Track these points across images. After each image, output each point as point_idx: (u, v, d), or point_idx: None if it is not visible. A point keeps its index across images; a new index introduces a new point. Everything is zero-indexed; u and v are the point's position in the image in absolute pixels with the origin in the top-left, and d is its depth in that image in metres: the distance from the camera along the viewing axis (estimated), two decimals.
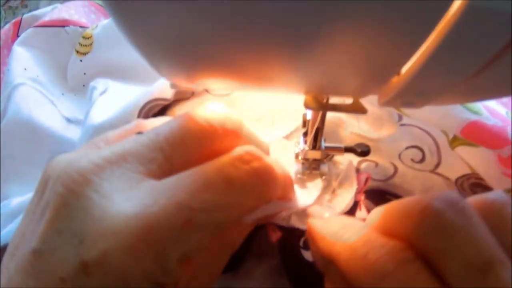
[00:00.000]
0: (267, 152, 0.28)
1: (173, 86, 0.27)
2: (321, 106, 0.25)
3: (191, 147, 0.23)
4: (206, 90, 0.36)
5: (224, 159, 0.23)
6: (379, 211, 0.23)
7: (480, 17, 0.14)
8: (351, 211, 0.31)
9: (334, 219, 0.25)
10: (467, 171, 0.34)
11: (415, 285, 0.19)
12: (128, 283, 0.20)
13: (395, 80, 0.21)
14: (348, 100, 0.25)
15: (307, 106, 0.25)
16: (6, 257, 0.22)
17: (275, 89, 0.25)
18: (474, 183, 0.35)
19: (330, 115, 0.34)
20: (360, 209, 0.31)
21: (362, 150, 0.31)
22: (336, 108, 0.25)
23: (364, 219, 0.31)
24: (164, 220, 0.20)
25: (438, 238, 0.20)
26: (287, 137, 0.34)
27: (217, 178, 0.22)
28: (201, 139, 0.24)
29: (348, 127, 0.34)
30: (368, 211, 0.31)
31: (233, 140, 0.25)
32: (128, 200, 0.20)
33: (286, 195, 0.27)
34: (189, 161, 0.23)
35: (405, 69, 0.19)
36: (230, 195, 0.22)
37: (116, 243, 0.20)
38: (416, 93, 0.21)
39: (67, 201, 0.21)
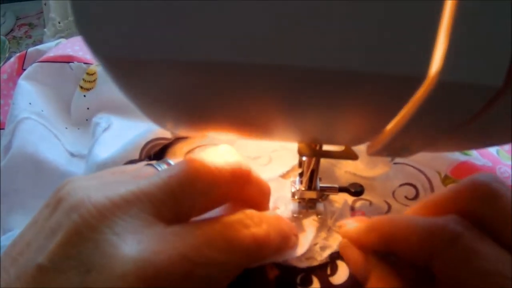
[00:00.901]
0: (268, 190, 0.30)
1: (173, 133, 0.28)
2: (314, 153, 0.26)
3: (200, 193, 0.24)
4: None
5: (227, 220, 0.25)
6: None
7: (450, 90, 0.16)
8: None
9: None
10: None
11: (483, 246, 0.22)
12: None
13: (382, 134, 0.22)
14: (340, 147, 0.26)
15: (300, 153, 0.26)
16: (6, 259, 0.23)
17: (272, 139, 0.27)
18: None
19: None
20: None
21: (356, 190, 0.32)
22: (329, 155, 0.26)
23: None
24: (169, 269, 0.21)
25: (491, 204, 0.24)
26: (284, 176, 0.35)
27: (219, 237, 0.24)
28: (211, 186, 0.25)
29: (343, 166, 0.35)
30: None
31: (242, 186, 0.27)
32: (139, 243, 0.21)
33: (292, 245, 0.30)
34: (197, 206, 0.25)
35: (390, 126, 0.20)
36: (229, 254, 0.23)
37: (123, 284, 0.20)
38: (401, 147, 0.22)
39: (81, 230, 0.21)
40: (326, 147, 0.27)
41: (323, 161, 0.35)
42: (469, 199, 0.24)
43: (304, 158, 0.31)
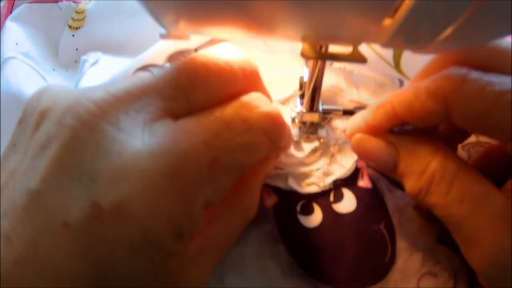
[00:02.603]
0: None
1: (164, 36, 0.26)
2: (319, 55, 0.24)
3: (212, 89, 0.22)
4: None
5: (236, 103, 0.22)
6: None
7: None
8: (352, 180, 0.30)
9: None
10: (472, 139, 0.33)
11: (488, 76, 0.21)
12: (148, 233, 0.17)
13: (388, 22, 0.20)
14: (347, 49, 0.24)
15: (304, 55, 0.24)
16: None
17: (274, 36, 0.24)
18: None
19: (327, 84, 0.32)
20: (363, 178, 0.30)
21: None
22: (335, 57, 0.24)
23: (367, 188, 0.30)
24: (194, 158, 0.18)
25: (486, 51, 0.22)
26: (283, 102, 0.33)
27: (236, 119, 0.21)
28: (222, 81, 0.22)
29: (347, 95, 0.33)
30: (371, 180, 0.30)
31: (251, 83, 0.24)
32: (152, 135, 0.18)
33: (287, 145, 0.27)
34: (208, 103, 0.22)
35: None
36: (249, 135, 0.21)
37: (142, 182, 0.17)
38: (409, 37, 0.20)
39: (78, 134, 0.18)
40: (332, 50, 0.24)
41: (324, 91, 0.32)
42: (463, 55, 0.23)
43: (305, 79, 0.29)
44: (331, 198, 0.29)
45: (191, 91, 0.21)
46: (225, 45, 0.24)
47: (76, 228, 0.17)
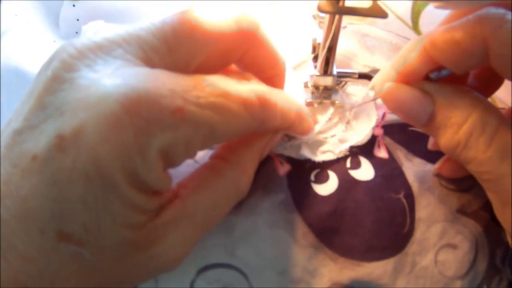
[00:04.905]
0: (283, 64, 0.26)
1: None
2: (336, 9, 0.22)
3: (198, 45, 0.21)
4: None
5: (224, 74, 0.21)
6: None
7: None
8: (368, 149, 0.29)
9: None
10: None
11: None
12: (100, 165, 0.17)
13: None
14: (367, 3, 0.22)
15: (321, 9, 0.22)
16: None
17: None
18: None
19: (340, 48, 0.31)
20: (379, 147, 0.29)
21: None
22: (354, 11, 0.22)
23: (384, 159, 0.28)
24: (155, 97, 0.18)
25: None
26: (295, 67, 0.31)
27: (215, 84, 0.20)
28: (212, 37, 0.21)
29: (360, 60, 0.31)
30: (388, 151, 0.29)
31: (249, 43, 0.23)
32: (121, 76, 0.18)
33: (303, 129, 0.27)
34: (193, 62, 0.21)
35: None
36: (224, 99, 0.20)
37: (98, 110, 0.17)
38: None
39: (57, 74, 0.19)
40: (349, 4, 0.23)
41: (337, 56, 0.31)
42: None
43: (319, 40, 0.27)
44: (348, 164, 0.27)
45: (174, 42, 0.20)
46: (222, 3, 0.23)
47: (42, 160, 0.17)
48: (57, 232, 0.18)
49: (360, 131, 0.28)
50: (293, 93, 0.29)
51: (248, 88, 0.22)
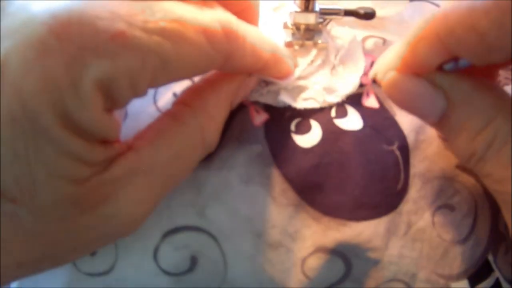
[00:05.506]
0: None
1: None
2: None
3: None
4: None
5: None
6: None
7: None
8: (355, 98, 0.25)
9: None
10: None
11: None
12: (25, 101, 0.15)
13: None
14: None
15: None
16: None
17: None
18: None
19: None
20: (368, 96, 0.25)
21: (366, 12, 0.25)
22: None
23: (373, 108, 0.25)
24: (90, 18, 0.15)
25: None
26: (276, 9, 0.27)
27: (174, 6, 0.17)
28: None
29: (346, 3, 0.28)
30: (378, 99, 0.25)
31: None
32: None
33: (280, 73, 0.23)
34: None
35: None
36: (178, 25, 0.17)
37: (22, 35, 0.15)
38: None
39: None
40: None
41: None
42: None
43: None
44: (333, 113, 0.24)
45: None
46: None
47: None
48: None
49: (347, 80, 0.25)
50: (271, 34, 0.25)
51: (210, 16, 0.18)
